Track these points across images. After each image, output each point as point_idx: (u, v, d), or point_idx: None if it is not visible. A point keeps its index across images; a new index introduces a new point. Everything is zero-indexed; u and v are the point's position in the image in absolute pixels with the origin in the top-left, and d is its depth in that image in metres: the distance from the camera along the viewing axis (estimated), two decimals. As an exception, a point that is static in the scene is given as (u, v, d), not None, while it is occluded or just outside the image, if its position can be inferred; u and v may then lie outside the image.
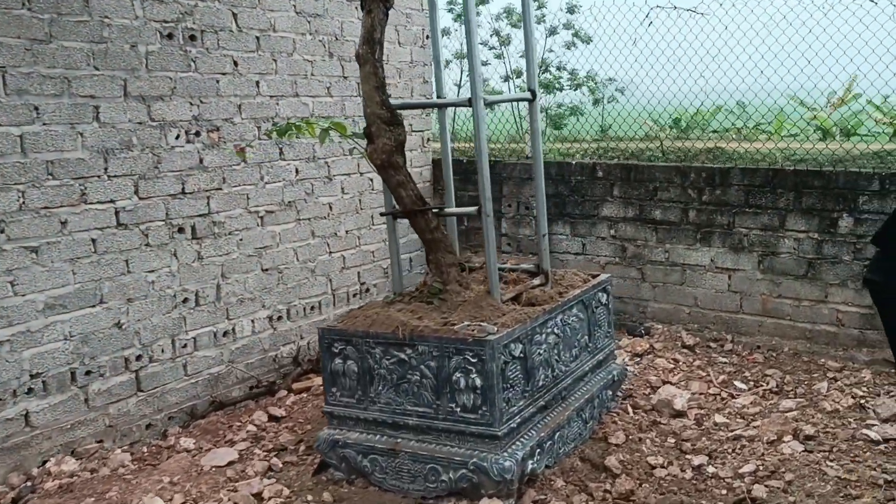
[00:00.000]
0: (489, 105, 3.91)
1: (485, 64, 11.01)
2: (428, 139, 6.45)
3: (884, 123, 7.25)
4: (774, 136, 7.02)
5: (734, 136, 6.75)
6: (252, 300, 5.02)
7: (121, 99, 4.22)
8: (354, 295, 5.82)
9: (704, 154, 5.74)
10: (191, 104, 4.57)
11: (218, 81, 4.72)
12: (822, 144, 5.48)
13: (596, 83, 10.07)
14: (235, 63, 4.81)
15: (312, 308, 5.48)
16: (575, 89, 10.37)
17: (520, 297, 3.84)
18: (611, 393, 4.30)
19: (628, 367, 4.99)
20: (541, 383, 3.64)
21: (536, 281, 4.06)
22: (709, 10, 5.37)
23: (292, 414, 4.63)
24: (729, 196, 5.36)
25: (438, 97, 4.26)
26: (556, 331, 3.78)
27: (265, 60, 5.00)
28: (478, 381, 3.31)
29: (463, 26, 10.96)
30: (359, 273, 5.84)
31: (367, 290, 5.91)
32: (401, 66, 6.10)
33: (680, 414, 4.30)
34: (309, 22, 5.29)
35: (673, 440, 4.01)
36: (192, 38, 4.55)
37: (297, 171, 5.27)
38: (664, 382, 4.75)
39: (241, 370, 4.93)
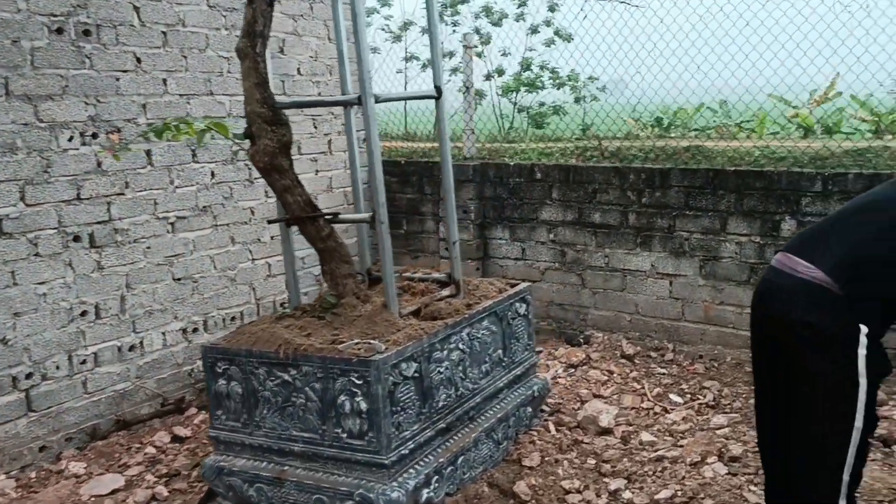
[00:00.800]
0: (382, 102, 3.62)
1: (465, 62, 10.72)
2: (364, 139, 6.16)
3: (866, 121, 7.09)
4: (756, 133, 6.87)
5: (716, 134, 6.57)
6: (163, 312, 4.73)
7: (2, 98, 3.92)
8: (282, 304, 5.53)
9: (684, 153, 5.50)
10: (86, 104, 4.27)
11: (118, 79, 4.42)
12: (805, 142, 5.27)
13: (577, 82, 9.83)
14: (138, 60, 4.51)
15: (233, 318, 5.19)
16: (557, 88, 10.10)
17: (421, 310, 3.56)
18: (531, 410, 4.03)
19: (560, 379, 4.73)
20: (441, 404, 3.37)
21: (445, 292, 3.78)
22: (644, 3, 5.13)
23: (198, 434, 4.34)
24: (669, 198, 5.10)
25: (343, 94, 3.98)
26: (461, 346, 3.50)
27: (173, 57, 4.71)
28: (363, 405, 3.03)
29: (441, 23, 10.74)
30: (287, 281, 5.55)
31: (297, 298, 5.62)
32: (332, 63, 5.81)
33: (606, 431, 4.04)
34: (224, 16, 5.00)
35: (593, 461, 3.74)
36: (87, 33, 4.25)
37: (212, 175, 4.98)
38: (595, 396, 4.49)
39: (149, 387, 4.63)
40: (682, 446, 3.80)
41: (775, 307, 2.36)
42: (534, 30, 10.23)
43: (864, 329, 2.22)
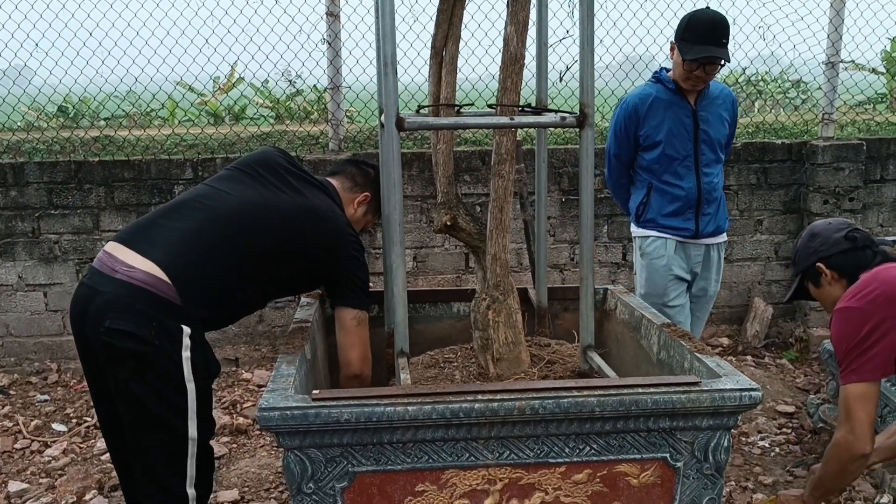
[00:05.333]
0: None
1: None
2: None
3: (265, 108, 7.31)
4: (168, 121, 6.57)
5: (126, 123, 5.92)
6: None
7: None
8: None
9: (92, 143, 4.69)
10: None
11: None
12: (214, 129, 5.10)
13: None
14: None
15: None
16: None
17: None
18: None
19: None
20: None
21: None
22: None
23: None
24: (29, 197, 4.39)
25: None
26: None
27: None
28: None
29: None
30: None
31: None
32: None
33: (-37, 493, 3.25)
34: None
35: (-61, 540, 2.95)
36: None
37: None
38: (-48, 451, 3.61)
39: None
40: (57, 488, 3.25)
41: (88, 316, 2.02)
42: None
43: (186, 330, 2.02)
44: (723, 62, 3.07)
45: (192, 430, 2.06)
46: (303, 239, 2.20)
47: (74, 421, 3.95)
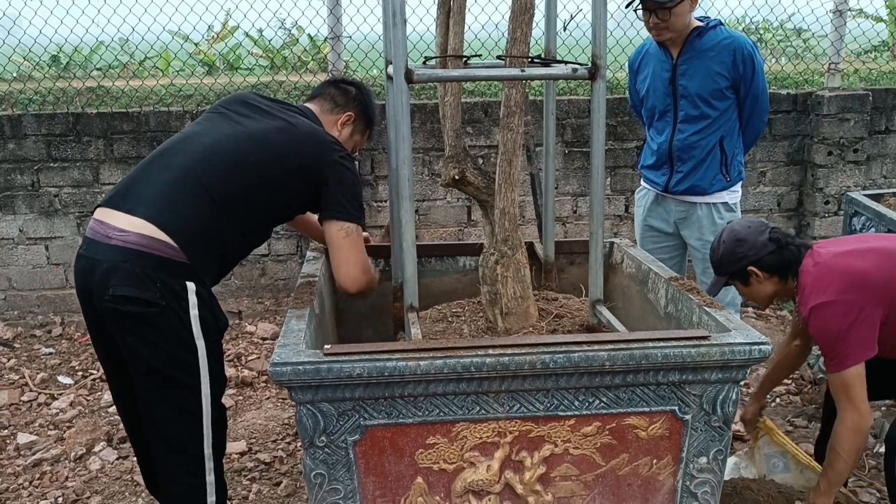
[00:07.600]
0: None
1: None
2: None
3: (261, 57, 7.22)
4: (162, 72, 6.41)
5: (121, 73, 5.82)
6: None
7: None
8: None
9: (87, 94, 4.62)
10: None
11: None
12: (209, 79, 5.01)
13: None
14: None
15: None
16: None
17: None
18: None
19: None
20: None
21: None
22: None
23: None
24: (27, 149, 4.35)
25: None
26: None
27: None
28: None
29: None
30: None
31: None
32: None
33: (-27, 446, 3.28)
34: None
35: (-46, 491, 2.99)
36: None
37: None
38: (-42, 404, 3.64)
39: None
40: (65, 440, 3.28)
41: (93, 287, 1.99)
42: None
43: (191, 286, 2.00)
44: (669, 6, 2.90)
45: (206, 388, 2.06)
46: (284, 155, 2.15)
47: (80, 374, 3.98)
